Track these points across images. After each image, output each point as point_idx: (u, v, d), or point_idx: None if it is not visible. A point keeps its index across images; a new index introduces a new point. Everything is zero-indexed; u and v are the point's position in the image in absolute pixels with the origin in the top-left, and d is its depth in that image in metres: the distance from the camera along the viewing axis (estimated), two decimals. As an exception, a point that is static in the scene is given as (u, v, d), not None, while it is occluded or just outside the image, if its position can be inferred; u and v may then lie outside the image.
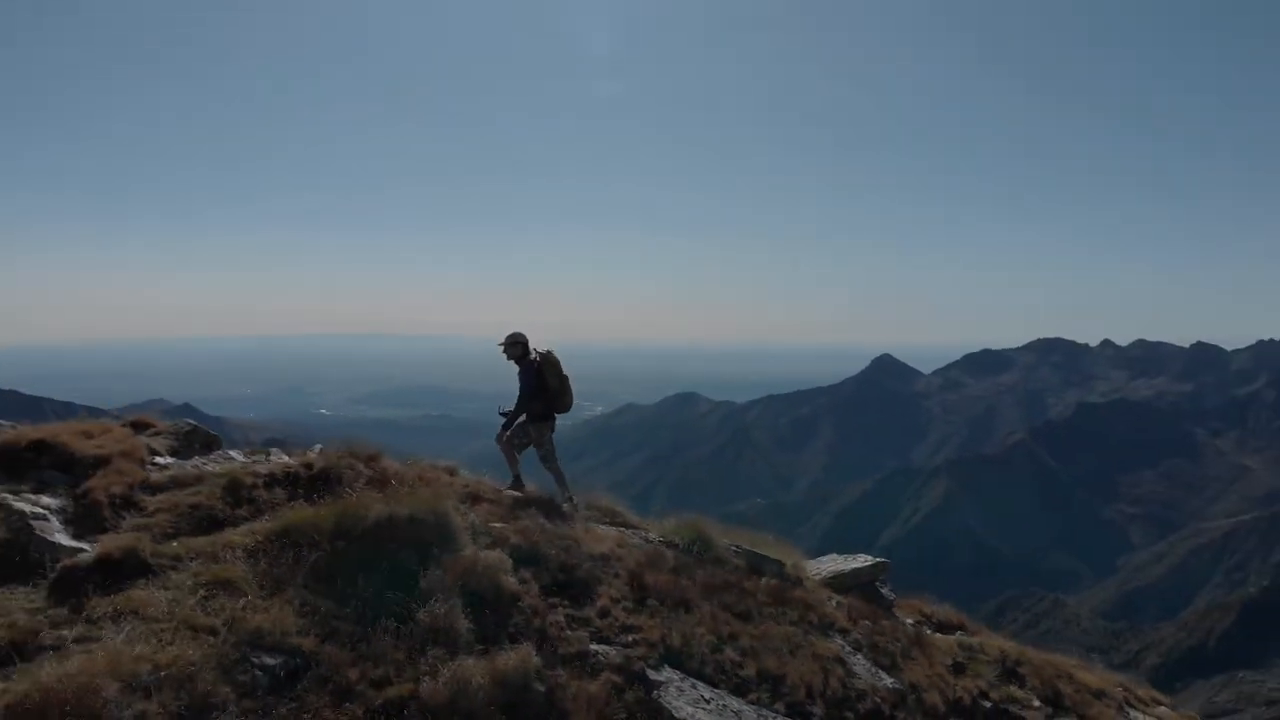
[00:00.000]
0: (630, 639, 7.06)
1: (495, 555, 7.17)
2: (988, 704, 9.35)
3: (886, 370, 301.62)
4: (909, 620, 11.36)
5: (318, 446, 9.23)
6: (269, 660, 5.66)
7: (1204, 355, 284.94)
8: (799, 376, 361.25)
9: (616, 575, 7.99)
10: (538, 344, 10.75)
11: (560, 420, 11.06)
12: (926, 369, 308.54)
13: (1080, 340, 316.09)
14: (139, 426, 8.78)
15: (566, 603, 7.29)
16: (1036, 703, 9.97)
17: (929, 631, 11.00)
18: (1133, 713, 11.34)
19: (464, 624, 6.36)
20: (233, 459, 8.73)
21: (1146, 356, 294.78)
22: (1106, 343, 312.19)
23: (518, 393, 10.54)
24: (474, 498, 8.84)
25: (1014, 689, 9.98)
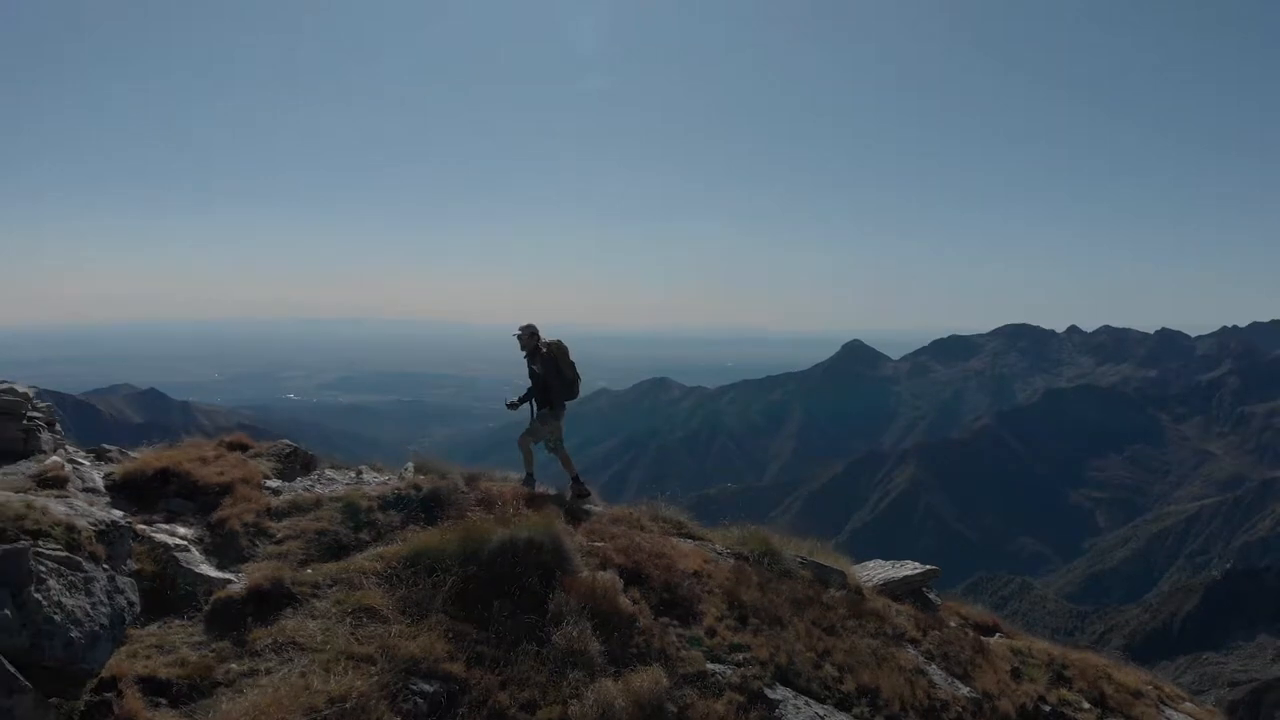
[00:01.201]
0: (741, 658, 7.35)
1: (609, 576, 7.43)
2: (1047, 708, 9.77)
3: (856, 356, 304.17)
4: (951, 623, 11.76)
5: (409, 465, 9.39)
6: (427, 687, 5.89)
7: (1169, 341, 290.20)
8: (771, 362, 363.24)
9: (711, 592, 8.28)
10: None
11: None
12: (896, 355, 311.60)
13: (1047, 326, 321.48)
14: (239, 448, 8.89)
15: (675, 622, 7.57)
16: (1086, 705, 10.40)
17: (982, 637, 11.38)
18: (1167, 710, 11.83)
19: (595, 646, 6.63)
20: (334, 480, 8.87)
21: (1112, 342, 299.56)
22: (1073, 329, 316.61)
23: (531, 382, 10.55)
24: (572, 516, 9.08)
25: (1065, 692, 10.41)
